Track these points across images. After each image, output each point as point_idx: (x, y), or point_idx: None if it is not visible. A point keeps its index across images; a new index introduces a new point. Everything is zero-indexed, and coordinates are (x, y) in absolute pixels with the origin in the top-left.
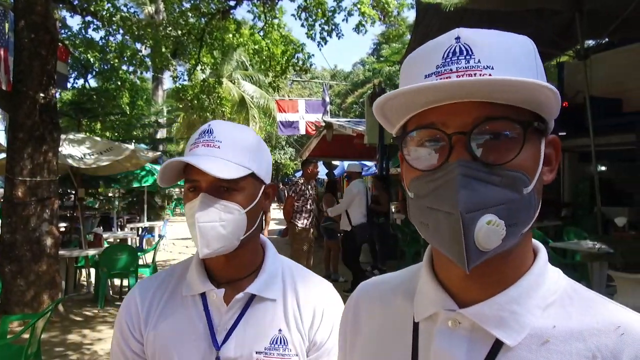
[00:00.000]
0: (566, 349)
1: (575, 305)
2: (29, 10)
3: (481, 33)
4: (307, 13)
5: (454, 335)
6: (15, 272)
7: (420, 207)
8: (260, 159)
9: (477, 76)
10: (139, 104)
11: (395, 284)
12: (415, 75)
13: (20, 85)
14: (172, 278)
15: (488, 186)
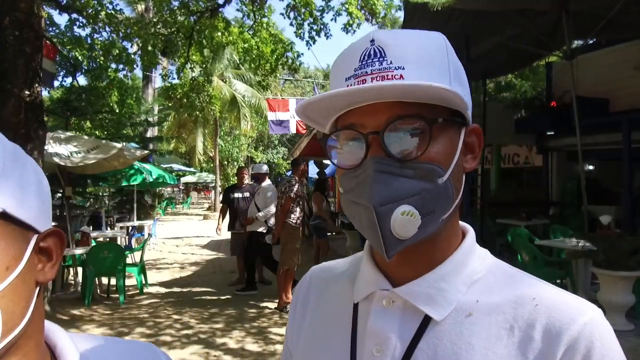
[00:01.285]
0: (487, 321)
1: (497, 281)
2: (12, 7)
3: (394, 35)
4: (295, 12)
5: (387, 312)
6: None
7: (347, 202)
8: (19, 183)
9: (389, 77)
10: (129, 102)
11: (341, 269)
12: (338, 78)
13: (5, 82)
14: None
15: (401, 179)
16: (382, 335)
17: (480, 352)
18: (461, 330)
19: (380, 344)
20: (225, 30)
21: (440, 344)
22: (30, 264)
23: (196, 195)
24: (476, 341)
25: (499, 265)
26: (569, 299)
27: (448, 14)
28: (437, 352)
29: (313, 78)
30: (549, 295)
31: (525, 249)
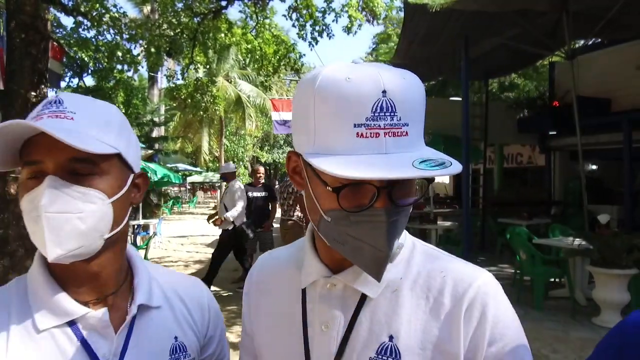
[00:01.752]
0: (409, 294)
1: (417, 261)
2: (18, 11)
3: (401, 88)
4: (297, 13)
5: (331, 295)
6: (7, 267)
7: (339, 232)
8: (128, 139)
9: (398, 134)
10: (134, 102)
11: (286, 257)
12: (343, 121)
13: (12, 83)
14: (9, 308)
15: (402, 222)
16: (328, 313)
17: (405, 318)
18: (390, 303)
19: (327, 321)
20: (229, 32)
21: (375, 316)
22: (129, 190)
23: (202, 195)
24: (402, 311)
25: (419, 248)
26: (467, 269)
27: (447, 15)
28: (373, 322)
29: None
30: (453, 268)
31: (523, 248)
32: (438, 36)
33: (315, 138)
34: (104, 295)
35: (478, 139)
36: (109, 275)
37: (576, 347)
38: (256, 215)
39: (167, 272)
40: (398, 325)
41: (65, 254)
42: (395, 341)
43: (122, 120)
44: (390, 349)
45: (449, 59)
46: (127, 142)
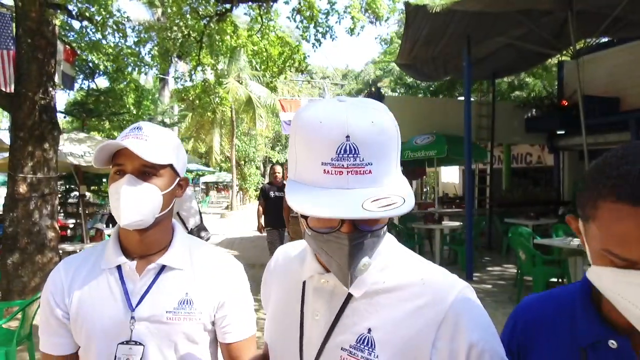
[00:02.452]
0: (390, 296)
1: (399, 267)
2: (24, 17)
3: (365, 133)
4: (301, 15)
5: (323, 289)
6: (17, 263)
7: (318, 244)
8: (178, 155)
9: (361, 173)
10: (145, 104)
11: (296, 253)
12: (314, 158)
13: (21, 87)
14: (93, 254)
15: (367, 244)
16: (319, 305)
17: (384, 316)
18: (372, 302)
19: (317, 311)
20: (234, 34)
21: (357, 311)
22: (174, 188)
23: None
24: (381, 309)
25: (402, 255)
26: (445, 278)
27: (450, 16)
28: (355, 316)
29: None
30: (432, 276)
31: (523, 248)
32: (441, 36)
33: (296, 166)
34: (148, 254)
35: (485, 139)
36: (152, 242)
37: None
38: (275, 214)
39: (203, 246)
40: (376, 321)
41: (130, 223)
42: (372, 333)
43: (177, 142)
44: (367, 340)
45: (455, 59)
46: (177, 157)
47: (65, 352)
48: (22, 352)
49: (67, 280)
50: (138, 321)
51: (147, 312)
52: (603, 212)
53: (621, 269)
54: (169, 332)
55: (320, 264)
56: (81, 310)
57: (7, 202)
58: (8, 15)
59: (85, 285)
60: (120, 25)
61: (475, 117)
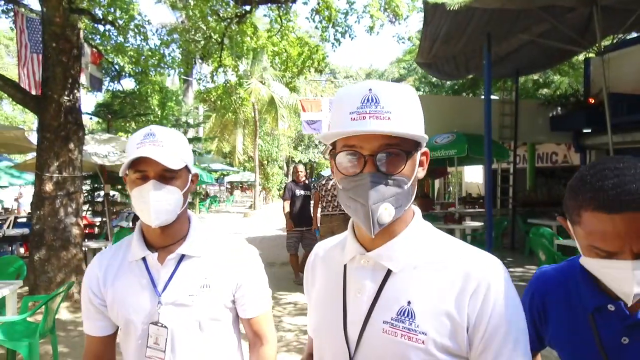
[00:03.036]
0: (426, 270)
1: (435, 244)
2: (49, 22)
3: (384, 87)
4: (320, 16)
5: (364, 269)
6: (43, 259)
7: (346, 196)
8: (189, 154)
9: (381, 118)
10: (169, 105)
11: (335, 242)
12: (343, 111)
13: (47, 89)
14: (121, 248)
15: (385, 187)
16: (361, 283)
17: (422, 289)
18: (410, 276)
19: (359, 289)
20: (254, 35)
21: (397, 286)
22: (190, 185)
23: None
24: (419, 283)
25: (437, 234)
26: (480, 254)
27: (470, 14)
28: (395, 290)
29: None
30: (467, 252)
31: (543, 248)
32: (461, 34)
33: (330, 125)
34: (168, 244)
35: (508, 138)
36: (172, 234)
37: None
38: (300, 213)
39: (218, 234)
40: (415, 294)
41: (159, 223)
42: (412, 305)
43: (186, 142)
44: (407, 312)
45: (476, 57)
46: (189, 155)
47: (103, 333)
48: (45, 344)
49: (102, 272)
50: (164, 305)
51: (172, 297)
52: (586, 218)
53: (602, 259)
54: (192, 313)
55: (360, 244)
56: (116, 298)
57: (34, 200)
58: (37, 20)
59: (117, 276)
60: (142, 29)
61: (498, 115)
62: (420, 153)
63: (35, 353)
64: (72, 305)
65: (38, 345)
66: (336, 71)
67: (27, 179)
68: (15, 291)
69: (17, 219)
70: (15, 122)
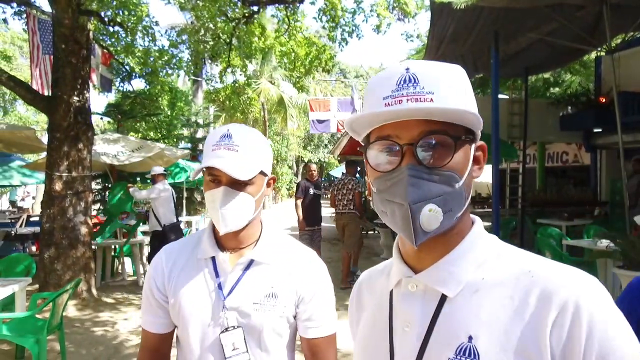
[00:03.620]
0: (491, 294)
1: (501, 261)
2: (58, 24)
3: (425, 65)
4: (327, 16)
5: (413, 295)
6: (53, 257)
7: (381, 200)
8: (266, 158)
9: (421, 100)
10: (179, 105)
11: (383, 267)
12: (376, 97)
13: (57, 90)
14: (190, 243)
15: (429, 183)
16: (409, 314)
17: (486, 319)
18: (470, 304)
19: (408, 322)
20: (262, 35)
21: (454, 316)
22: (264, 190)
23: None
24: (482, 311)
25: (504, 248)
26: (562, 270)
27: (477, 13)
28: (452, 322)
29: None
30: (544, 268)
31: (550, 249)
32: (469, 33)
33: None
34: (240, 247)
35: (517, 137)
36: (243, 237)
37: None
38: (311, 212)
39: (290, 243)
40: (478, 326)
41: (227, 230)
42: (474, 342)
43: (265, 144)
44: (469, 350)
45: (485, 56)
46: (267, 160)
47: (160, 330)
48: (53, 341)
49: (168, 266)
50: (228, 310)
51: (236, 303)
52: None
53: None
54: (255, 323)
55: (407, 265)
56: (179, 294)
57: (44, 199)
58: (49, 22)
59: (183, 272)
60: (150, 30)
61: (507, 115)
62: (475, 147)
63: (43, 349)
64: (80, 302)
65: (46, 341)
66: (346, 71)
67: (38, 178)
68: (25, 288)
69: (30, 218)
70: (28, 122)
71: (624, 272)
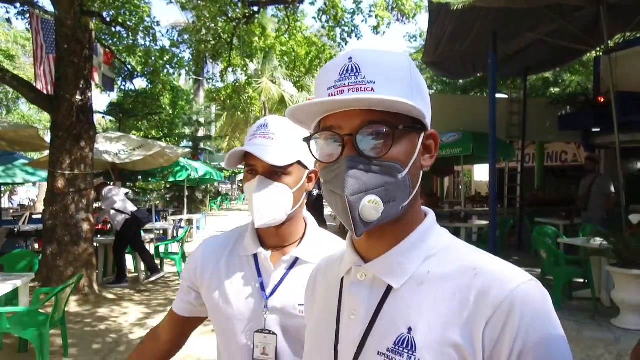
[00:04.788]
0: (435, 288)
1: (449, 255)
2: (60, 24)
3: (368, 54)
4: (327, 16)
5: (361, 284)
6: (55, 253)
7: (327, 191)
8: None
9: (362, 89)
10: (180, 104)
11: (338, 255)
12: (321, 88)
13: (59, 89)
14: (232, 239)
15: (369, 174)
16: (356, 302)
17: (427, 312)
18: (414, 296)
19: (354, 310)
20: (262, 35)
21: (397, 307)
22: (304, 183)
23: None
24: (424, 304)
25: (453, 243)
26: (505, 270)
27: (475, 13)
28: (395, 313)
29: None
30: (489, 266)
31: (545, 247)
32: (467, 33)
33: None
34: (283, 245)
35: (516, 137)
36: (286, 235)
37: (586, 346)
38: (313, 212)
39: (335, 241)
40: (418, 318)
41: (263, 224)
42: (413, 333)
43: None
44: (407, 341)
45: (484, 56)
46: (304, 150)
47: (182, 313)
48: (55, 336)
49: (203, 261)
50: (270, 311)
51: (280, 303)
52: None
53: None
54: (299, 325)
55: (358, 254)
56: (217, 291)
57: (47, 196)
58: (52, 22)
59: (223, 268)
60: (151, 30)
61: (505, 114)
62: (423, 135)
63: (46, 342)
64: (82, 298)
65: (48, 335)
66: None
67: (41, 176)
68: (28, 283)
69: (32, 215)
70: (31, 120)
71: (617, 270)
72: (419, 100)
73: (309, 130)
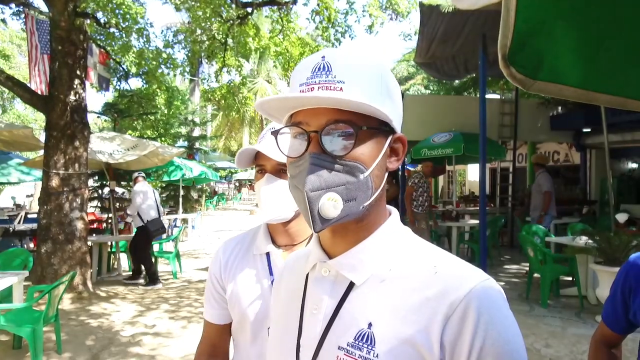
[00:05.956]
0: (396, 286)
1: (410, 254)
2: (54, 25)
3: (341, 53)
4: (320, 17)
5: (324, 280)
6: (50, 252)
7: (292, 186)
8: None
9: (331, 89)
10: (176, 104)
11: (306, 251)
12: (294, 84)
13: (53, 90)
14: (247, 238)
15: (331, 172)
16: (319, 297)
17: (386, 309)
18: (374, 292)
19: (317, 305)
20: (256, 36)
21: (358, 303)
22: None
23: (247, 192)
24: (385, 300)
25: (415, 242)
26: (463, 270)
27: (466, 15)
28: (355, 309)
29: None
30: (448, 265)
31: (532, 246)
32: (458, 35)
33: None
34: (293, 243)
35: (508, 137)
36: (295, 232)
37: (570, 342)
38: None
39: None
40: (378, 314)
41: (270, 219)
42: (373, 328)
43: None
44: (367, 336)
45: (476, 57)
46: None
47: (217, 321)
48: (49, 332)
49: (224, 260)
50: None
51: None
52: None
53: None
54: None
55: (323, 250)
56: (235, 289)
57: (41, 195)
58: (47, 22)
59: (239, 266)
60: (144, 32)
61: (497, 115)
62: (391, 139)
63: (39, 339)
64: (76, 296)
65: (42, 332)
66: None
67: (36, 175)
68: (22, 281)
69: (28, 215)
70: (26, 120)
71: (601, 268)
72: (388, 103)
73: (279, 123)
